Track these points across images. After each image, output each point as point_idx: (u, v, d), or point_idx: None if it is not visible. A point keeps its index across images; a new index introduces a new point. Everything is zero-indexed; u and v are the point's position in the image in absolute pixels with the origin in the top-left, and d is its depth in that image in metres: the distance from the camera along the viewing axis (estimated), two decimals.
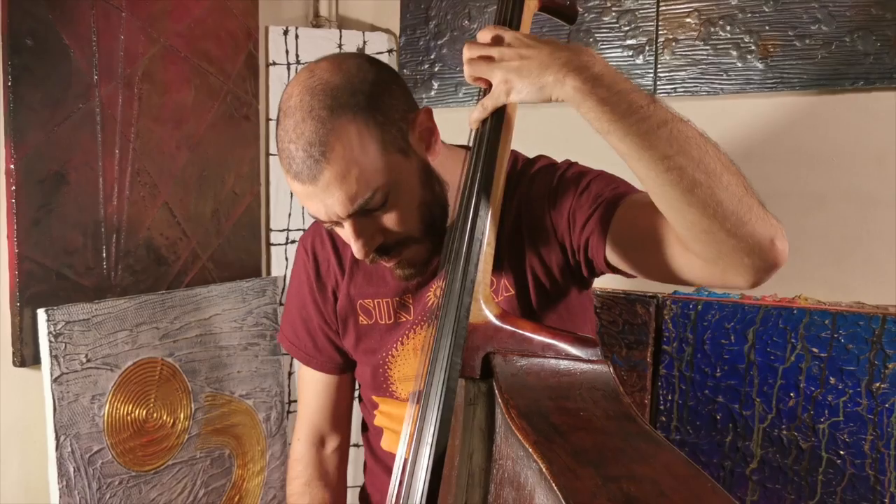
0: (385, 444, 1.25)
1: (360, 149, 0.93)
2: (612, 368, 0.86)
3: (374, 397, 1.23)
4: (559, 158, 1.15)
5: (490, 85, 0.90)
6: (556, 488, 0.65)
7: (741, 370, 1.53)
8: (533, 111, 1.83)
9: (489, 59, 0.89)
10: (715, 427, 1.56)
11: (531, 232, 1.07)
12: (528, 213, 1.07)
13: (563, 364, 0.85)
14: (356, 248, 1.00)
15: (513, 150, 1.13)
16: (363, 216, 0.98)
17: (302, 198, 0.97)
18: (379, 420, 1.24)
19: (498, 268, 1.07)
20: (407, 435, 0.97)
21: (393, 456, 1.23)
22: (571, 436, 0.74)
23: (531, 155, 1.16)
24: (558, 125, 1.82)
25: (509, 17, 0.98)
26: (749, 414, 1.53)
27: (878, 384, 1.41)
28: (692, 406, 1.58)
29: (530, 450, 0.71)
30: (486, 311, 0.88)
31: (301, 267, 1.24)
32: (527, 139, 1.18)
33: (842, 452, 1.45)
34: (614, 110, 0.80)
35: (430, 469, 0.85)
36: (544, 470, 0.67)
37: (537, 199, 1.07)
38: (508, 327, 0.87)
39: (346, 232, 1.00)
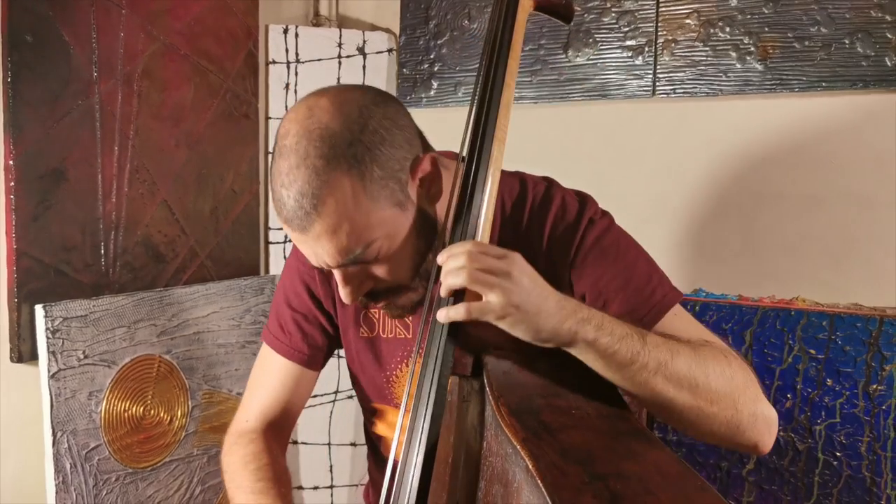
0: (385, 449, 1.24)
1: (353, 204, 0.89)
2: None
3: (374, 404, 1.21)
4: (552, 154, 1.13)
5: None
6: (541, 485, 0.65)
7: None
8: (530, 111, 1.83)
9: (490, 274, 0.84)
10: None
11: (546, 273, 1.06)
12: (548, 257, 1.05)
13: (557, 361, 0.85)
14: (344, 295, 0.97)
15: (517, 172, 1.12)
16: (353, 266, 0.95)
17: (293, 240, 0.95)
18: (379, 429, 1.22)
19: None
20: (396, 440, 0.95)
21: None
22: (561, 434, 0.74)
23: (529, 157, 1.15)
24: (550, 125, 1.83)
25: (504, 17, 0.97)
26: None
27: (874, 386, 1.41)
28: None
29: (518, 447, 0.70)
30: None
31: (302, 259, 1.18)
32: (530, 139, 1.18)
33: (838, 454, 1.45)
34: (616, 361, 0.86)
35: (419, 466, 0.85)
36: (531, 467, 0.67)
37: (559, 245, 1.04)
38: None
39: (336, 277, 0.97)
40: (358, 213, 0.90)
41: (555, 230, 1.05)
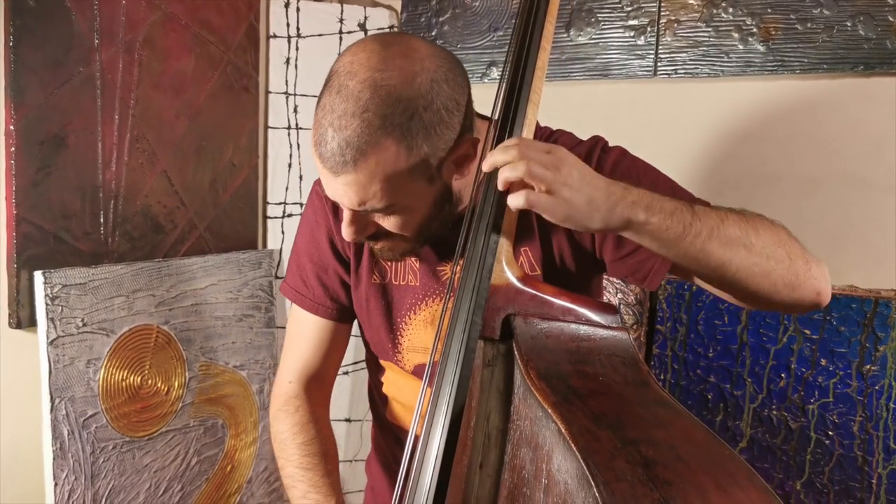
0: (390, 414, 1.25)
1: (391, 170, 0.91)
2: (631, 336, 0.87)
3: (381, 361, 1.22)
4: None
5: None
6: (574, 448, 0.65)
7: (734, 351, 1.55)
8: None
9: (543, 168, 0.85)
10: (706, 406, 1.58)
11: None
12: None
13: (583, 329, 0.86)
14: (346, 233, 1.00)
15: None
16: (364, 214, 0.99)
17: (319, 171, 0.96)
18: (387, 388, 1.24)
19: (526, 243, 1.08)
20: (419, 412, 0.95)
21: (398, 427, 1.23)
22: (590, 399, 0.74)
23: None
24: (551, 104, 1.83)
25: None
26: (740, 394, 1.55)
27: (868, 366, 1.43)
28: (684, 385, 1.60)
29: (549, 410, 0.71)
30: (507, 273, 0.88)
31: (319, 209, 1.20)
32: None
33: (831, 433, 1.47)
34: (671, 237, 0.88)
35: (446, 430, 0.85)
36: (563, 430, 0.68)
37: None
38: (530, 290, 0.88)
39: (344, 213, 1.00)
40: (392, 179, 0.92)
41: None
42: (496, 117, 0.96)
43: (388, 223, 1.00)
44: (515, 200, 0.84)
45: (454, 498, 0.84)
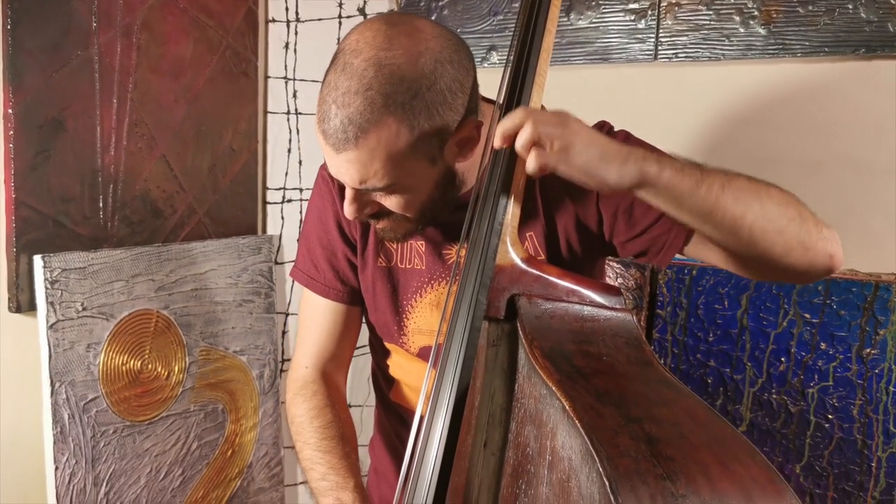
0: (396, 395, 1.25)
1: (392, 149, 0.92)
2: (634, 317, 0.87)
3: (386, 343, 1.23)
4: None
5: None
6: (578, 425, 0.66)
7: (734, 335, 1.55)
8: None
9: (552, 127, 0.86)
10: (706, 391, 1.58)
11: (572, 194, 1.07)
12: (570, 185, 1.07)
13: (587, 310, 0.86)
14: (347, 211, 1.01)
15: None
16: (367, 192, 0.99)
17: (321, 146, 0.97)
18: (393, 370, 1.24)
19: (531, 227, 1.08)
20: (425, 392, 0.96)
21: (405, 408, 1.24)
22: (594, 378, 0.75)
23: None
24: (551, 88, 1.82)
25: None
26: (740, 378, 1.55)
27: (868, 350, 1.43)
28: (684, 370, 1.60)
29: (553, 388, 0.72)
30: (512, 254, 0.89)
31: (326, 193, 1.20)
32: None
33: (830, 416, 1.47)
34: (685, 189, 0.87)
35: (450, 410, 0.86)
36: (567, 408, 0.69)
37: None
38: (534, 271, 0.89)
39: (346, 191, 1.01)
40: (393, 158, 0.93)
41: None
42: (501, 101, 0.96)
43: (390, 203, 1.00)
44: (530, 164, 0.85)
45: (459, 477, 0.84)
